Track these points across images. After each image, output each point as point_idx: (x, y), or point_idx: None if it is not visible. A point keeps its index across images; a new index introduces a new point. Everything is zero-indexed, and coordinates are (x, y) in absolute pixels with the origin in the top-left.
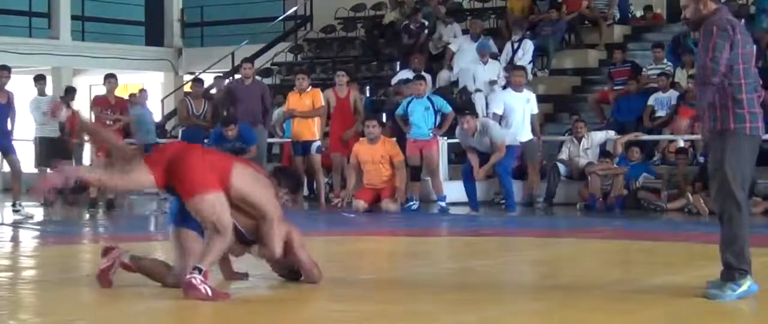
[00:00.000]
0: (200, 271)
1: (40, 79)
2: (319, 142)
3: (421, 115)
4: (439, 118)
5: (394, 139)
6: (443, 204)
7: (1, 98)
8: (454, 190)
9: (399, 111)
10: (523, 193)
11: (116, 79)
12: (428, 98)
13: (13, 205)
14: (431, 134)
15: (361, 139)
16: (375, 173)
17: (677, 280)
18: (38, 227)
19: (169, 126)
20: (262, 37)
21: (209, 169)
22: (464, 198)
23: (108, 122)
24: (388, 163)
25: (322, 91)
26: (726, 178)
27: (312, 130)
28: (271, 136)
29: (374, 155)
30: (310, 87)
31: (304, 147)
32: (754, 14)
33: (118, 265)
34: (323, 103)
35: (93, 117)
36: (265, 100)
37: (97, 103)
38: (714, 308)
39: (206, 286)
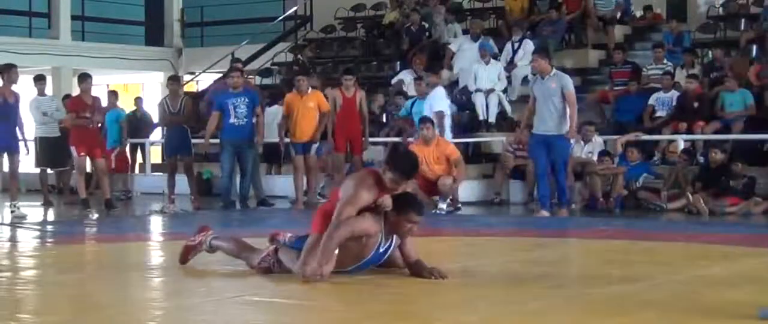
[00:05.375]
0: None
1: (40, 79)
2: (318, 144)
3: (427, 114)
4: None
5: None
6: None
7: (10, 98)
8: (460, 190)
9: (403, 111)
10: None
11: (92, 77)
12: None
13: (11, 206)
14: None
15: (416, 140)
16: (430, 174)
17: (677, 280)
18: (38, 227)
19: None
20: (262, 37)
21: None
22: (466, 198)
23: (90, 126)
24: (444, 163)
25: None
26: None
27: (313, 131)
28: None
29: (428, 156)
30: (310, 89)
31: (304, 147)
32: (757, 14)
33: (204, 248)
34: (328, 107)
35: (70, 121)
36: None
37: (72, 106)
38: (715, 308)
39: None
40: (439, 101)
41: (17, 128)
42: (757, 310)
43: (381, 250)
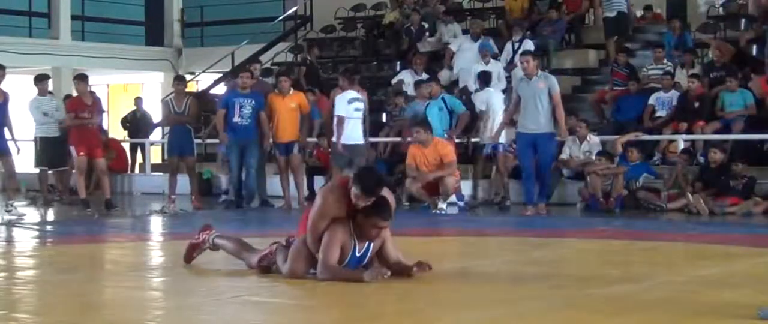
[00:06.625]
0: None
1: (42, 79)
2: (298, 142)
3: (436, 116)
4: (454, 119)
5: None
6: (461, 203)
7: None
8: (465, 190)
9: (408, 112)
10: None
11: (88, 78)
12: (442, 99)
13: (6, 206)
14: (446, 135)
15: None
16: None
17: (677, 280)
18: (37, 227)
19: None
20: (262, 37)
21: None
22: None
23: (89, 125)
24: (440, 164)
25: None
26: None
27: (295, 131)
28: None
29: (427, 157)
30: (292, 90)
31: (286, 148)
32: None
33: (208, 246)
34: (309, 108)
35: (69, 121)
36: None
37: (72, 107)
38: (715, 308)
39: None
40: (338, 105)
41: (6, 129)
42: (757, 310)
43: (358, 254)
